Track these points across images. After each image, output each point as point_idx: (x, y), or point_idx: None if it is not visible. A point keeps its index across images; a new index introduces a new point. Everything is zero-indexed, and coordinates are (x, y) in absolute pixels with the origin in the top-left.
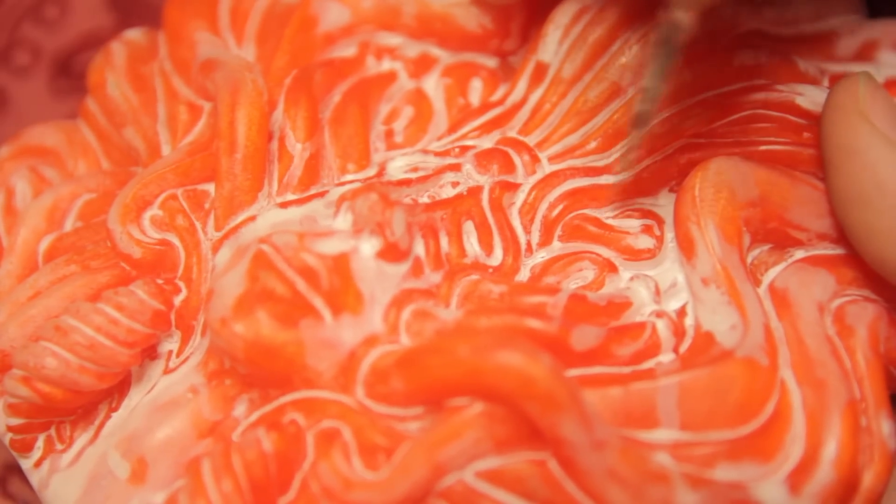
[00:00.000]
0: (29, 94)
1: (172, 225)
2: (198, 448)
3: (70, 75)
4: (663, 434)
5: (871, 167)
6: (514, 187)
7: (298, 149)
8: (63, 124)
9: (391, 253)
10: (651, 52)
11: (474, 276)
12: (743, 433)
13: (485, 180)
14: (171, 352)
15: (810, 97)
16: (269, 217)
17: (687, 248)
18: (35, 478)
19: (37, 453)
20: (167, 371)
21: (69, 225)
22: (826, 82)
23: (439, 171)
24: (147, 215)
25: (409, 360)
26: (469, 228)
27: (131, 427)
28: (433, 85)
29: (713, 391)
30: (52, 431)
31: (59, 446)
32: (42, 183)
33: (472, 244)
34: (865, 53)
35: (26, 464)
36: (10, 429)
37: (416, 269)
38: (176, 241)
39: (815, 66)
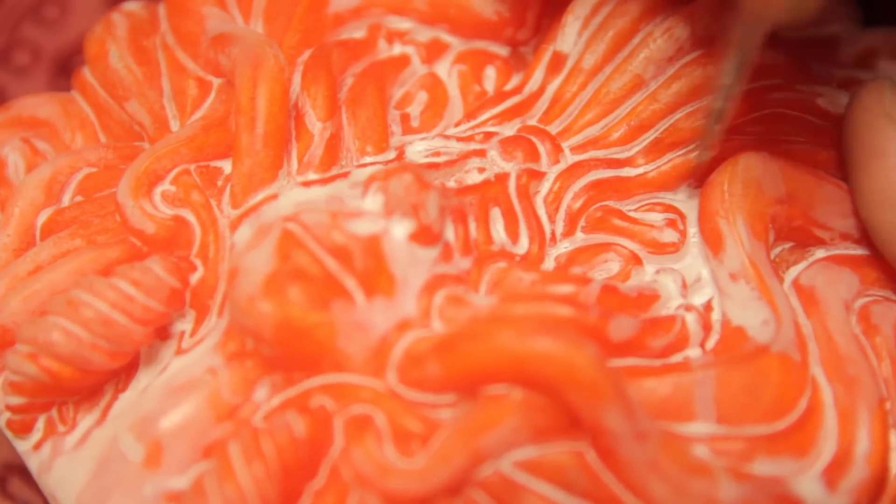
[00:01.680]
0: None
1: (187, 201)
2: (216, 431)
3: (70, 76)
4: (700, 427)
5: None
6: (539, 175)
7: (319, 128)
8: (57, 96)
9: (424, 236)
10: (728, 53)
11: (502, 264)
12: (778, 428)
13: (510, 167)
14: (183, 332)
15: (830, 98)
16: (291, 196)
17: (714, 242)
18: (34, 461)
19: (36, 435)
20: (179, 352)
21: (67, 199)
22: (834, 85)
23: (465, 157)
24: (158, 190)
25: (448, 345)
26: (496, 215)
27: (145, 409)
28: (446, 71)
29: (750, 386)
30: (54, 412)
31: (61, 428)
32: (36, 155)
33: (497, 231)
34: (865, 60)
35: (23, 446)
36: (9, 408)
37: (446, 254)
38: (191, 217)
39: (825, 69)
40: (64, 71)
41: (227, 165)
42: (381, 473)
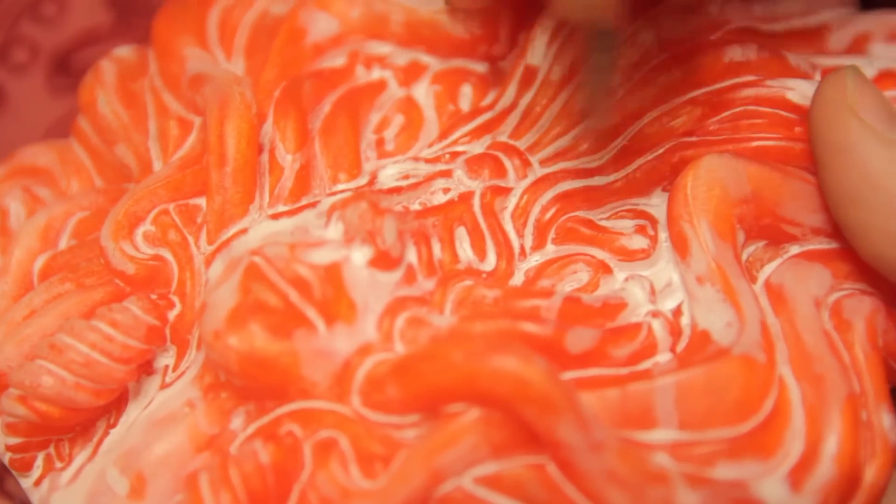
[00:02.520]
0: (27, 92)
1: (165, 240)
2: (196, 462)
3: (68, 73)
4: (662, 434)
5: (862, 164)
6: (505, 192)
7: (289, 160)
8: (55, 143)
9: (383, 261)
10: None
11: (468, 282)
12: (742, 431)
13: (476, 185)
14: (167, 367)
15: (801, 91)
16: (260, 229)
17: (681, 247)
18: (35, 497)
19: (36, 472)
20: (164, 386)
21: (63, 243)
22: (818, 76)
23: (430, 178)
24: (140, 231)
25: (404, 367)
26: (461, 234)
27: (129, 443)
28: (423, 92)
29: (711, 389)
30: (51, 450)
31: (58, 464)
32: (36, 203)
33: (464, 250)
34: (858, 46)
35: (26, 483)
36: (8, 448)
37: (409, 277)
38: (169, 256)
39: (807, 60)
40: (62, 68)
41: (205, 202)
42: (342, 496)
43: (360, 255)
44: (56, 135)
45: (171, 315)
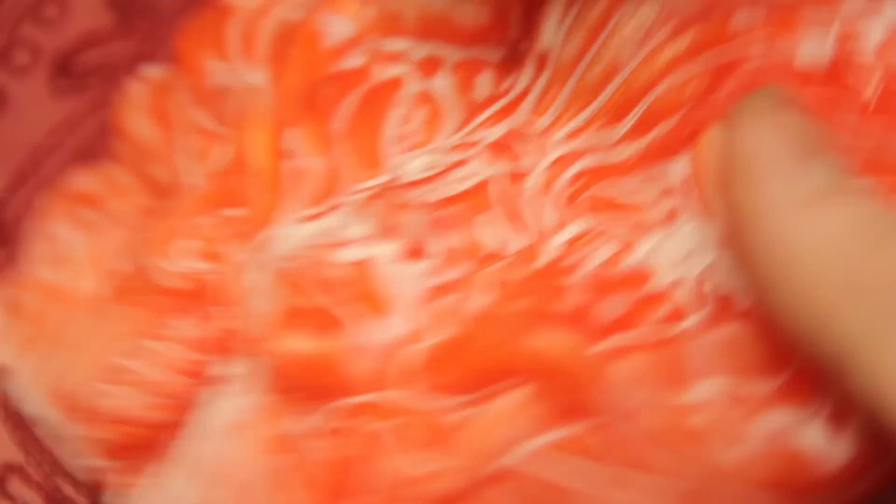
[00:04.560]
0: (28, 94)
1: (205, 252)
2: (265, 465)
3: (70, 75)
4: (695, 394)
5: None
6: (524, 175)
7: (312, 164)
8: (98, 168)
9: (409, 253)
10: None
11: (493, 267)
12: (776, 384)
13: (494, 171)
14: (225, 376)
15: (807, 51)
16: (288, 234)
17: (704, 211)
18: None
19: (110, 489)
20: (223, 394)
21: (118, 266)
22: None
23: (451, 168)
24: (179, 246)
25: (440, 354)
26: (482, 221)
27: (198, 452)
28: (441, 84)
29: (741, 346)
30: (123, 466)
31: (132, 479)
32: (86, 227)
33: (486, 236)
34: (872, 7)
35: (105, 499)
36: (89, 469)
37: (436, 267)
38: (211, 267)
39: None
40: (64, 70)
41: (236, 213)
42: (398, 483)
43: (386, 250)
44: (58, 136)
45: (223, 326)
